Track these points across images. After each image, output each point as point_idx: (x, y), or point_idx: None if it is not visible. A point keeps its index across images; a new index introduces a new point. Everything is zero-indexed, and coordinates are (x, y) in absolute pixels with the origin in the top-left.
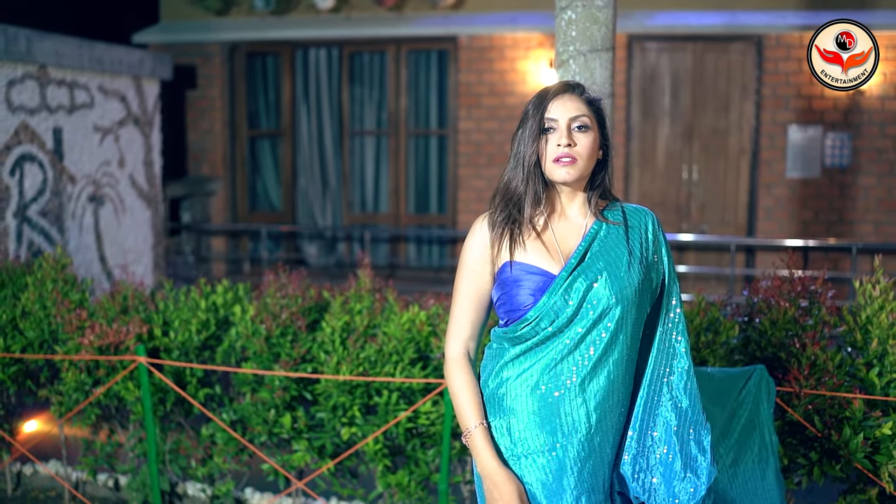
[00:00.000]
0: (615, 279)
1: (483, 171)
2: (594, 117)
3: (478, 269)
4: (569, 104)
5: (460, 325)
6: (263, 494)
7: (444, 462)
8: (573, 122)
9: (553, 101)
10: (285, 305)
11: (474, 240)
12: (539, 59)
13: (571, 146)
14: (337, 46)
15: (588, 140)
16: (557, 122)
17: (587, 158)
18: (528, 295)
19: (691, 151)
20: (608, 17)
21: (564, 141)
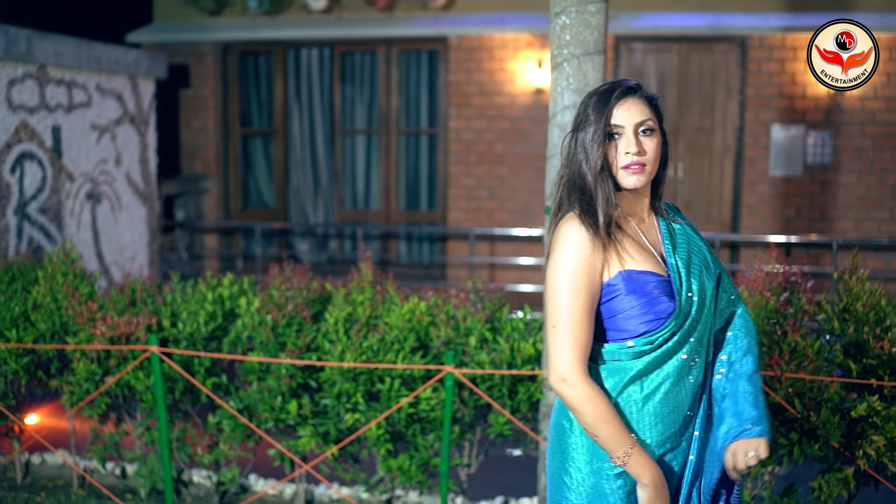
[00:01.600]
0: (709, 272)
1: (473, 169)
2: (656, 117)
3: (589, 280)
4: (633, 108)
5: (581, 343)
6: (267, 481)
7: (444, 445)
8: (639, 126)
9: (617, 106)
10: (291, 297)
11: (578, 250)
12: (528, 60)
13: (640, 153)
14: (329, 46)
15: (654, 143)
16: (624, 128)
17: (654, 162)
18: (668, 302)
19: (677, 149)
20: (600, 22)
21: (633, 149)
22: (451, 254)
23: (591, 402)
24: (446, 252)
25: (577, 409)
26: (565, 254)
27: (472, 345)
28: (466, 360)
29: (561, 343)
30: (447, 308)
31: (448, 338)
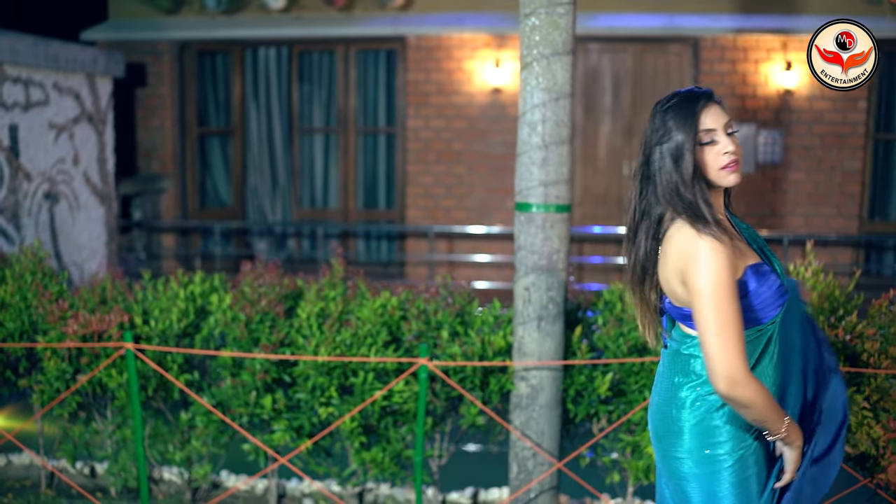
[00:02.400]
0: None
1: (431, 168)
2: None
3: (734, 282)
4: (717, 112)
5: (743, 344)
6: (239, 476)
7: (418, 436)
8: (727, 128)
9: (704, 113)
10: (263, 293)
11: (722, 257)
12: (485, 60)
13: (736, 152)
14: (287, 46)
15: (737, 141)
16: (716, 131)
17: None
18: (783, 292)
19: (631, 148)
20: (568, 23)
21: (731, 148)
22: (409, 252)
23: (760, 395)
24: (405, 250)
25: (750, 405)
26: (714, 264)
27: (444, 338)
28: (438, 353)
29: (729, 348)
30: (418, 302)
31: (420, 331)
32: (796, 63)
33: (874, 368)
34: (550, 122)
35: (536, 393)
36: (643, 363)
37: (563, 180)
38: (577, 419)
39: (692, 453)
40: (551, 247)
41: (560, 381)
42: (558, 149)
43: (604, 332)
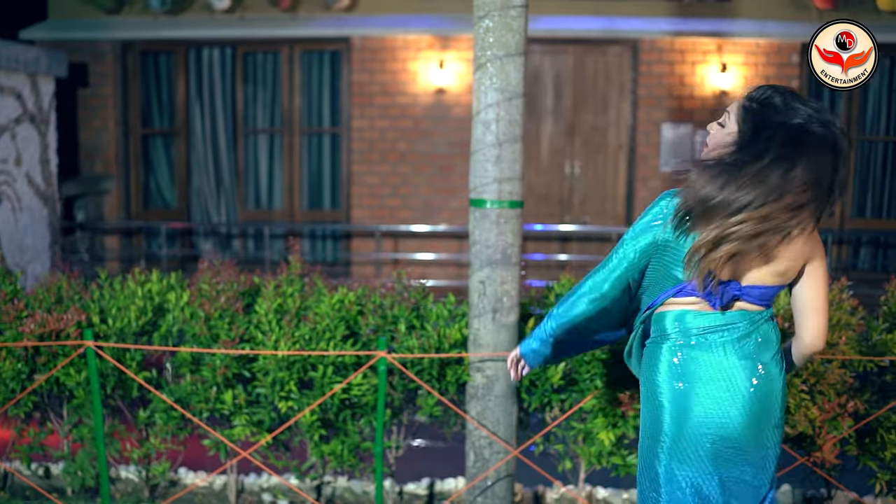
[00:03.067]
0: None
1: (376, 168)
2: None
3: None
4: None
5: None
6: (197, 473)
7: (378, 427)
8: (718, 116)
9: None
10: (222, 290)
11: None
12: (429, 61)
13: (708, 137)
14: (231, 46)
15: (717, 135)
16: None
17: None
18: None
19: (573, 147)
20: (521, 26)
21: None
22: (355, 251)
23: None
24: (350, 249)
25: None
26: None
27: (401, 331)
28: (396, 347)
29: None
30: (374, 298)
31: (377, 325)
32: (731, 65)
33: None
34: (504, 120)
35: (492, 383)
36: (594, 353)
37: (517, 177)
38: (531, 408)
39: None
40: (505, 241)
41: None
42: (511, 147)
43: None
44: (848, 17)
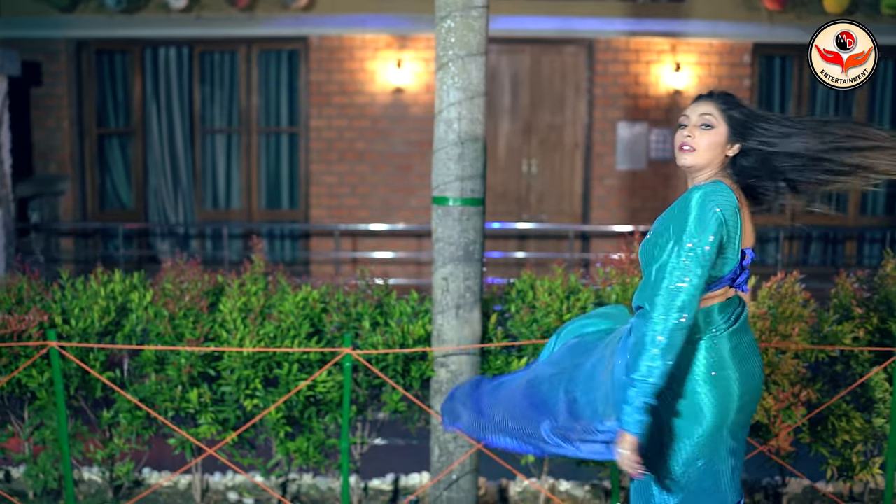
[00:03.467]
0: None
1: (334, 167)
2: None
3: None
4: (698, 107)
5: None
6: (162, 473)
7: (344, 423)
8: (700, 120)
9: (691, 106)
10: (186, 289)
11: None
12: (387, 60)
13: (692, 137)
14: (188, 45)
15: (710, 135)
16: (689, 118)
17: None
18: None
19: (530, 146)
20: (482, 26)
21: (688, 133)
22: (314, 250)
23: None
24: (310, 249)
25: None
26: None
27: (365, 328)
28: (360, 343)
29: None
30: (338, 295)
31: (341, 323)
32: (685, 65)
33: (765, 344)
34: (466, 119)
35: (456, 378)
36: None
37: (479, 175)
38: None
39: None
40: (468, 238)
41: (478, 366)
42: (473, 145)
43: (518, 318)
44: (797, 18)
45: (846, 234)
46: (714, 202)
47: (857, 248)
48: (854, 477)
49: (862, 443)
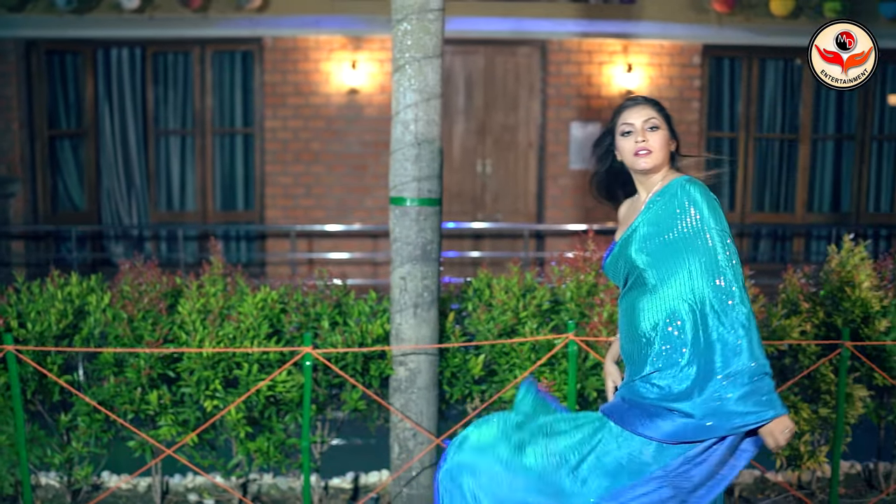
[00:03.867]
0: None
1: (289, 168)
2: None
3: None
4: (637, 112)
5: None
6: (121, 476)
7: (305, 423)
8: (646, 123)
9: (626, 113)
10: (145, 291)
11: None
12: (342, 61)
13: (647, 141)
14: (140, 46)
15: (659, 135)
16: (634, 125)
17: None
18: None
19: (484, 146)
20: (438, 29)
21: (641, 138)
22: (269, 251)
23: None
24: (265, 250)
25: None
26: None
27: (324, 328)
28: (319, 343)
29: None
30: (297, 296)
31: (300, 323)
32: (636, 66)
33: None
34: (422, 121)
35: (414, 376)
36: (513, 345)
37: (435, 175)
38: (453, 399)
39: None
40: (425, 238)
41: (436, 364)
42: (430, 146)
43: (475, 317)
44: (745, 21)
45: (794, 232)
46: (707, 189)
47: (805, 245)
48: (802, 465)
49: (809, 432)
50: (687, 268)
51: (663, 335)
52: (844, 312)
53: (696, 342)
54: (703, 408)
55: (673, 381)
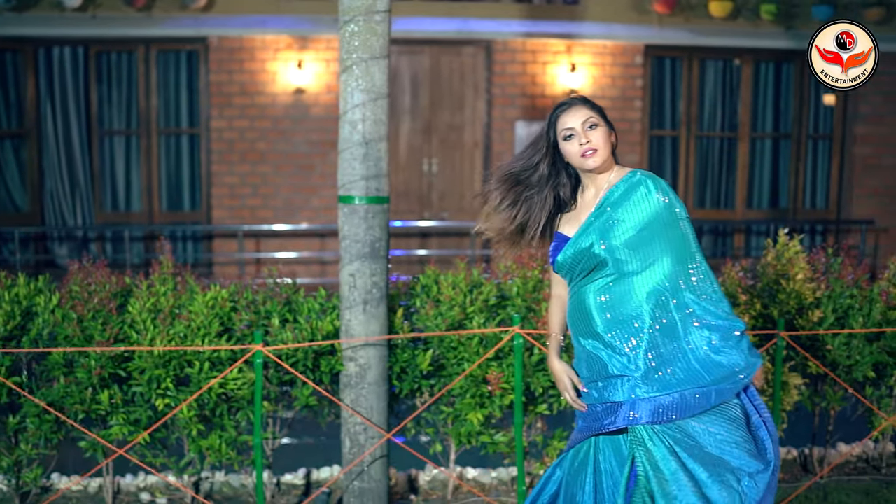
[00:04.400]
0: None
1: (235, 168)
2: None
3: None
4: (575, 113)
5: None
6: (71, 478)
7: (256, 419)
8: (586, 124)
9: (563, 116)
10: (95, 291)
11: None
12: (288, 61)
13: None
14: (83, 45)
15: (601, 134)
16: (574, 128)
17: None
18: (554, 254)
19: (430, 146)
20: (385, 30)
21: (584, 139)
22: (216, 251)
23: (549, 312)
24: (212, 250)
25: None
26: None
27: (275, 325)
28: (270, 340)
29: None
30: (247, 294)
31: (250, 321)
32: (580, 65)
33: None
34: (370, 120)
35: (364, 371)
36: (461, 339)
37: (383, 174)
38: (403, 394)
39: None
40: (374, 235)
41: (386, 359)
42: (378, 145)
43: (423, 312)
44: (685, 22)
45: (734, 227)
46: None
47: (746, 240)
48: None
49: None
50: (667, 253)
51: (661, 310)
52: (780, 304)
53: (695, 311)
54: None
55: (706, 340)
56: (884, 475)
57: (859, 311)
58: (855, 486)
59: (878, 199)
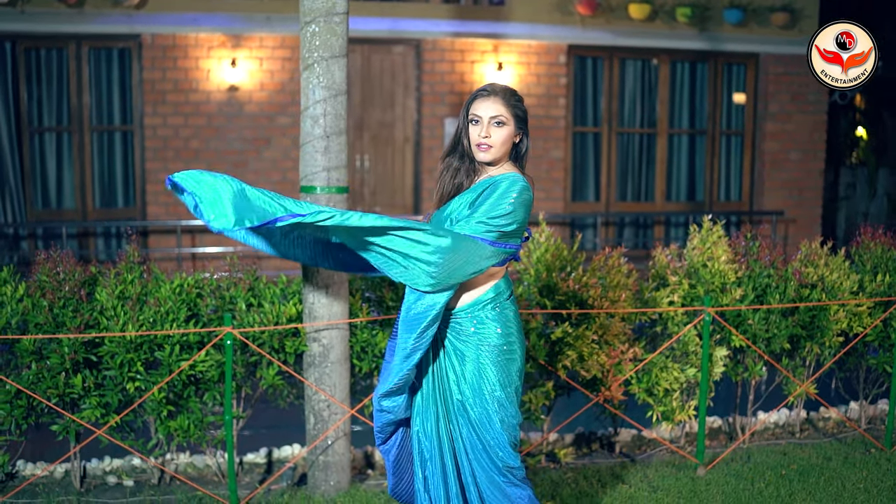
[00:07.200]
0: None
1: (170, 165)
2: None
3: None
4: (488, 105)
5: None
6: (37, 465)
7: (227, 399)
8: (493, 119)
9: (476, 103)
10: (65, 279)
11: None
12: (222, 59)
13: (488, 136)
14: (11, 41)
15: (502, 132)
16: (482, 118)
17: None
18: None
19: (362, 142)
20: (343, 31)
21: (484, 132)
22: (152, 247)
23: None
24: (148, 246)
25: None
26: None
27: (241, 309)
28: (237, 324)
29: None
30: (212, 281)
31: (217, 306)
32: (507, 64)
33: (597, 309)
34: (331, 115)
35: (328, 351)
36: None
37: (343, 165)
38: (362, 373)
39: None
40: None
41: (347, 339)
42: (338, 139)
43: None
44: (606, 23)
45: (654, 219)
46: (526, 188)
47: (665, 231)
48: (674, 419)
49: (678, 391)
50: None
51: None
52: (705, 283)
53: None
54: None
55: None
56: (798, 439)
57: (776, 289)
58: (774, 449)
59: (786, 191)
